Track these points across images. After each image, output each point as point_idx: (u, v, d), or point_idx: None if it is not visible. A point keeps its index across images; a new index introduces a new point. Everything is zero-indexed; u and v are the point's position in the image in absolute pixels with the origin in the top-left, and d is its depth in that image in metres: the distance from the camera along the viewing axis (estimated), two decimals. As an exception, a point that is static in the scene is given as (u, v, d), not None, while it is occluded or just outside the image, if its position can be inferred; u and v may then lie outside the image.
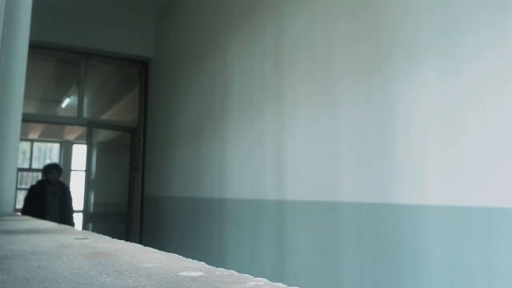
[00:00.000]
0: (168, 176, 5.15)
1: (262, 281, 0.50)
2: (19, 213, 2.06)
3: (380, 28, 2.28)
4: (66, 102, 8.10)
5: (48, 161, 11.70)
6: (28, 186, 11.68)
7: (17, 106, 1.91)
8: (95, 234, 1.13)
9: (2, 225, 1.34)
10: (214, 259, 3.78)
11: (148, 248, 0.82)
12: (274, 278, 0.51)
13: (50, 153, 11.73)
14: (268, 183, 3.15)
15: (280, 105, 3.09)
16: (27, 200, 5.10)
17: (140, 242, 3.80)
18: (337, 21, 2.60)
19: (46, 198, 5.05)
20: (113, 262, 0.65)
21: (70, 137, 10.85)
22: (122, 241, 0.93)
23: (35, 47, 5.10)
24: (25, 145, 10.91)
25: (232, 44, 3.90)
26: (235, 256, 3.56)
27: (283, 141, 3.03)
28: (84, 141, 7.81)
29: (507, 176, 1.62)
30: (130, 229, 6.04)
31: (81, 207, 6.02)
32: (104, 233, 1.14)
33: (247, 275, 0.53)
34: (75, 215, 5.62)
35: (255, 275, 0.52)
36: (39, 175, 11.45)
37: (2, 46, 1.87)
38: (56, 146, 11.39)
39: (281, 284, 0.48)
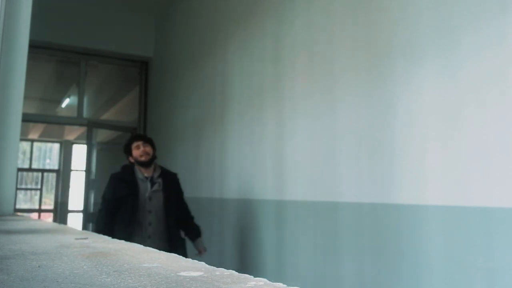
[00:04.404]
0: (168, 176, 5.14)
1: (262, 281, 0.50)
2: (19, 213, 2.01)
3: (379, 27, 2.28)
4: (66, 102, 8.10)
5: (48, 161, 11.64)
6: (29, 186, 11.46)
7: (17, 106, 1.91)
8: (95, 234, 1.12)
9: (2, 225, 1.34)
10: (214, 259, 3.77)
11: (148, 248, 0.82)
12: (274, 278, 0.51)
13: (50, 153, 11.73)
14: (268, 183, 3.15)
15: (280, 105, 3.09)
16: (105, 201, 3.00)
17: (140, 242, 3.79)
18: (337, 21, 2.60)
19: (138, 190, 2.94)
20: (113, 262, 0.65)
21: (70, 137, 10.85)
22: (122, 241, 0.93)
23: (35, 47, 5.10)
24: (25, 145, 10.91)
25: (232, 44, 3.90)
26: (235, 256, 3.56)
27: (283, 141, 3.03)
28: (84, 141, 7.81)
29: (507, 176, 1.62)
30: (130, 229, 6.03)
31: (81, 207, 6.01)
32: (104, 233, 1.13)
33: (247, 275, 0.53)
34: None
35: (255, 275, 0.52)
36: (39, 175, 11.37)
37: (2, 46, 1.87)
38: (56, 146, 11.39)
39: (281, 284, 0.48)
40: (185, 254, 2.99)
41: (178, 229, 3.07)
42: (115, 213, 2.89)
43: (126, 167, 3.14)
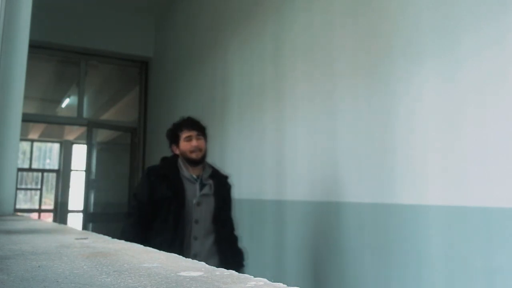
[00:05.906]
0: (168, 176, 5.13)
1: (262, 281, 0.50)
2: (19, 213, 2.00)
3: (380, 28, 2.28)
4: (66, 102, 8.10)
5: (48, 161, 11.62)
6: (29, 186, 11.34)
7: (17, 106, 1.91)
8: (95, 234, 1.12)
9: (2, 225, 1.34)
10: (214, 259, 3.78)
11: (148, 248, 0.82)
12: (274, 278, 0.52)
13: (50, 153, 11.72)
14: (268, 183, 3.15)
15: (280, 105, 3.08)
16: (137, 203, 2.25)
17: (140, 242, 3.77)
18: (337, 21, 2.60)
19: (184, 193, 2.24)
20: (113, 262, 0.65)
21: (70, 137, 10.85)
22: (122, 241, 0.93)
23: (35, 47, 5.10)
24: (25, 145, 10.90)
25: (233, 44, 3.90)
26: (235, 256, 3.55)
27: (283, 141, 3.03)
28: (84, 141, 7.81)
29: (507, 176, 1.62)
30: (130, 229, 6.02)
31: (81, 207, 6.01)
32: (104, 233, 1.13)
33: (247, 275, 0.53)
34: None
35: (255, 275, 0.52)
36: (39, 175, 11.33)
37: (2, 46, 1.87)
38: (56, 146, 11.38)
39: (281, 284, 0.48)
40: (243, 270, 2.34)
41: (232, 241, 2.40)
42: (151, 221, 2.19)
43: (167, 160, 2.42)
